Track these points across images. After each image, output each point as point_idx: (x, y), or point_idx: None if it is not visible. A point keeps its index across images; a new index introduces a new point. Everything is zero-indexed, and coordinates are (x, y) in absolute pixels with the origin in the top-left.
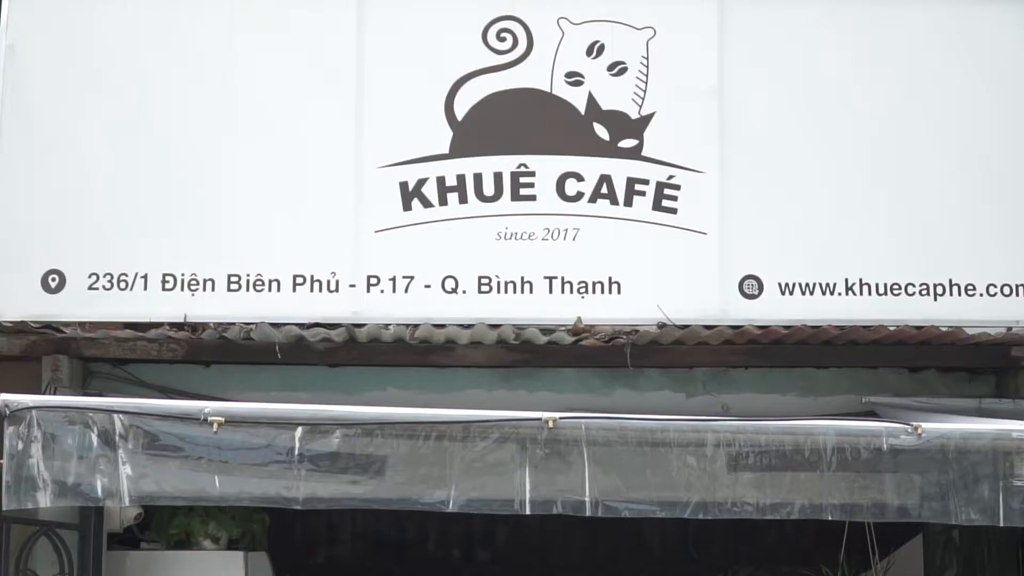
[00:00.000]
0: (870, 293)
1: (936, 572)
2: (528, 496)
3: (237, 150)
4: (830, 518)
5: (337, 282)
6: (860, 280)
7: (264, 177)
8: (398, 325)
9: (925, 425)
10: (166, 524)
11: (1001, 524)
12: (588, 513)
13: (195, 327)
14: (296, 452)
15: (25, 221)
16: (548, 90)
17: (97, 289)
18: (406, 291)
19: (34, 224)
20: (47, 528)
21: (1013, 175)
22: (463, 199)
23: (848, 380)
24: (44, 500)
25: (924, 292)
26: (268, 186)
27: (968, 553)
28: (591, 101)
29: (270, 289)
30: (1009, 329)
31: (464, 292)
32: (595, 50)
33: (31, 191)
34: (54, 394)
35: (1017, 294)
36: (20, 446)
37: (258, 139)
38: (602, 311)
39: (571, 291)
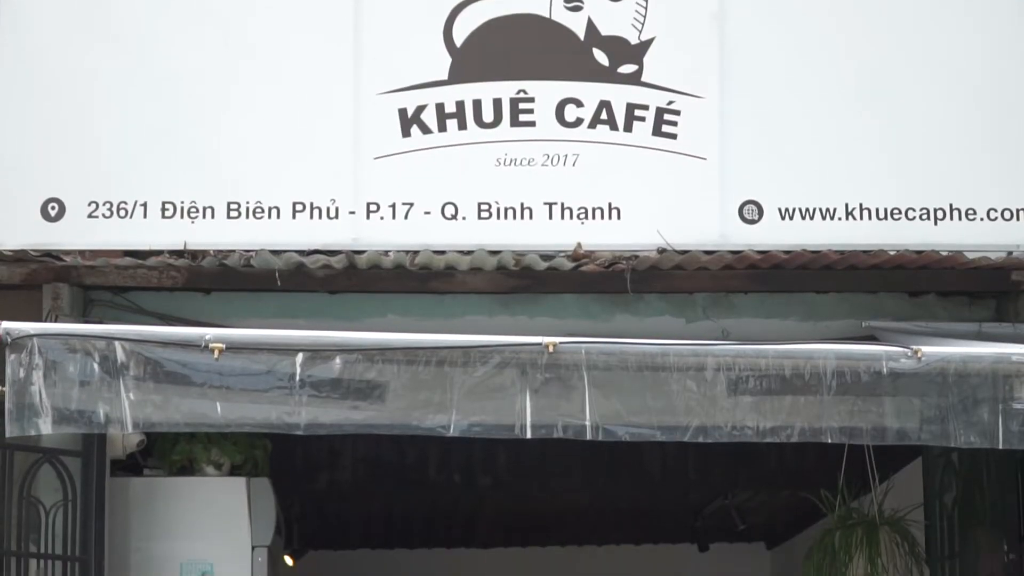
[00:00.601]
0: (870, 218)
1: (935, 495)
2: (528, 420)
3: (236, 77)
4: (829, 441)
5: (337, 209)
6: (860, 205)
7: (263, 104)
8: (398, 251)
9: (925, 349)
10: (168, 451)
11: (1000, 447)
12: (588, 437)
13: (195, 255)
14: (297, 378)
15: (24, 150)
16: (547, 15)
17: (97, 217)
18: (406, 218)
19: (33, 153)
20: (50, 455)
21: (1010, 101)
22: (462, 125)
23: (848, 305)
24: (46, 427)
25: (924, 217)
26: (267, 113)
27: (967, 476)
28: (590, 26)
29: (270, 216)
30: (1009, 253)
31: (464, 218)
32: None
33: (30, 120)
34: (55, 322)
35: (1017, 218)
36: (22, 374)
37: (257, 66)
38: (602, 237)
39: (571, 217)
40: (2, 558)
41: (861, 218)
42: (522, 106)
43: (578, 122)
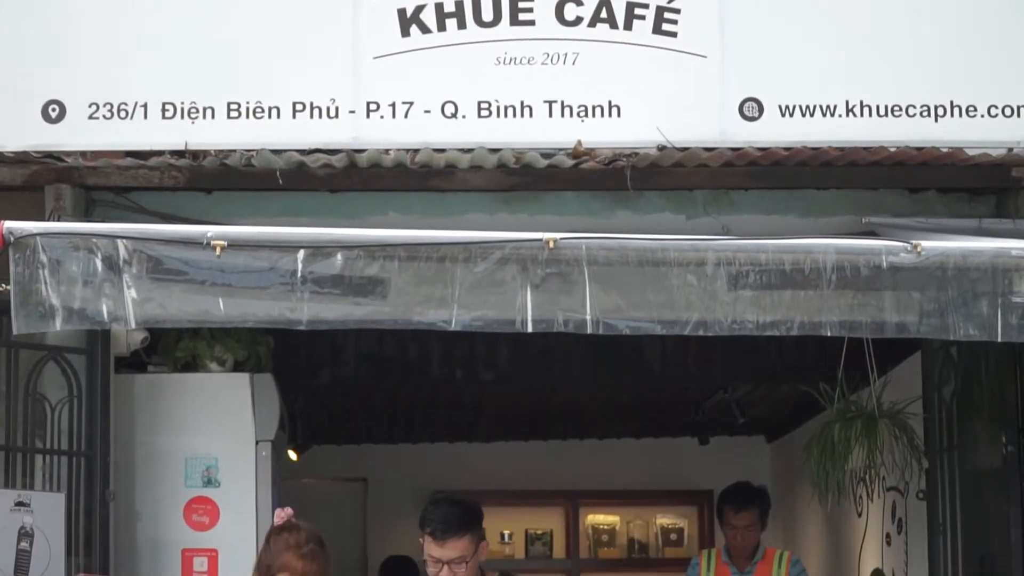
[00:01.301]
0: (871, 115)
1: (934, 388)
2: (529, 315)
3: None
4: (829, 334)
5: (337, 108)
6: (860, 102)
7: (262, 4)
8: (398, 150)
9: (925, 243)
10: (172, 348)
11: (999, 339)
12: (589, 330)
13: (196, 155)
14: (299, 275)
15: (24, 52)
16: None
17: (97, 119)
18: (406, 116)
19: (33, 55)
20: (55, 353)
21: None
22: (461, 24)
23: (848, 201)
24: (51, 324)
25: (925, 114)
26: (266, 13)
27: (966, 369)
28: None
29: (270, 116)
30: (1010, 150)
31: (464, 117)
32: None
33: (30, 22)
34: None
35: (1018, 115)
36: (26, 273)
37: None
38: (602, 134)
39: (571, 115)
40: (9, 453)
41: (861, 115)
42: (521, 5)
43: (578, 21)
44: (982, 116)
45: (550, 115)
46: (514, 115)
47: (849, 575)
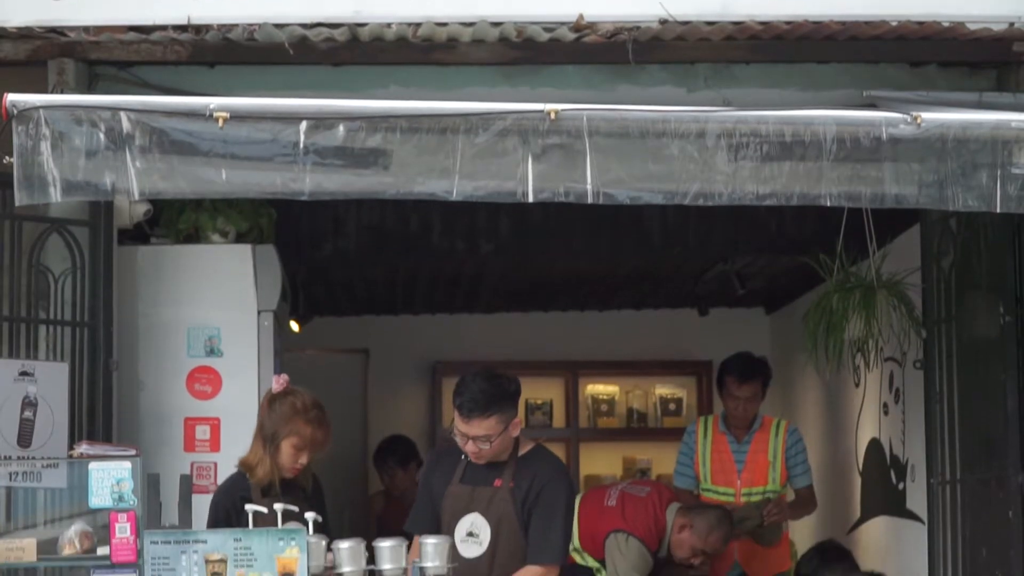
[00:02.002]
0: None
1: (932, 259)
2: (530, 185)
3: None
4: (828, 204)
5: None
6: None
7: None
8: (400, 24)
9: (925, 115)
10: (175, 220)
11: (998, 210)
12: (590, 201)
13: (198, 29)
14: (301, 146)
15: None
16: None
17: None
18: None
19: None
20: (58, 225)
21: None
22: None
23: (849, 75)
24: (54, 195)
25: None
26: None
27: (965, 241)
28: None
29: None
30: (1011, 25)
31: None
32: None
33: None
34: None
35: None
36: (29, 144)
37: None
38: (604, 8)
39: None
40: (12, 324)
41: None
42: None
43: None
44: None
45: None
46: None
47: (846, 445)
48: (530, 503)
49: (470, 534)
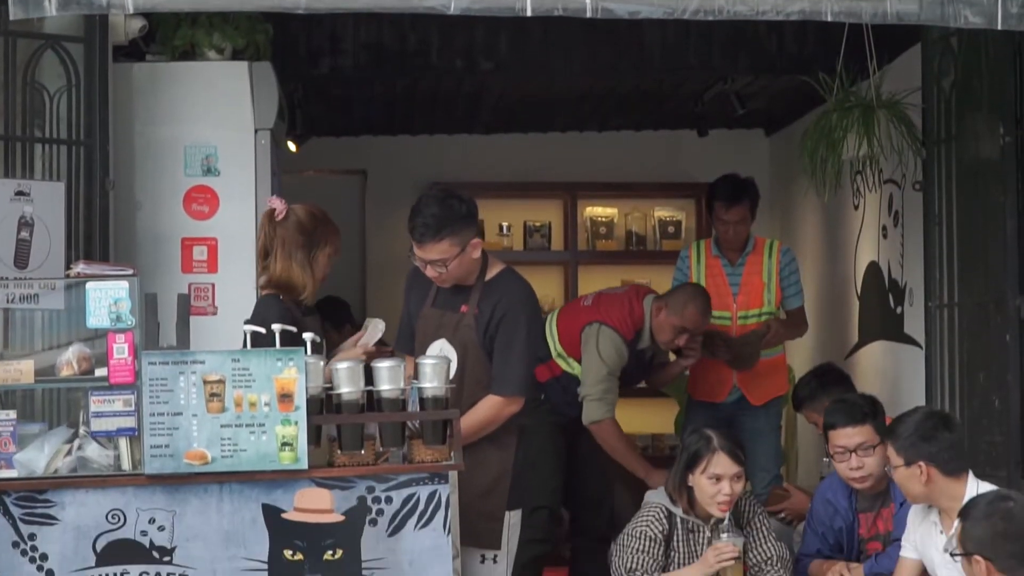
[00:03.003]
0: None
1: (933, 79)
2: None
3: None
4: (829, 19)
5: None
6: None
7: None
8: None
9: None
10: (171, 36)
11: (999, 27)
12: (588, 15)
13: None
14: None
15: None
16: None
17: None
18: None
19: None
20: (52, 41)
21: None
22: None
23: None
24: (49, 8)
25: None
26: None
27: (966, 60)
28: None
29: None
30: None
31: None
32: None
33: None
34: None
35: None
36: None
37: None
38: None
39: None
40: (8, 143)
41: None
42: None
43: None
44: None
45: None
46: None
47: (845, 269)
48: (492, 331)
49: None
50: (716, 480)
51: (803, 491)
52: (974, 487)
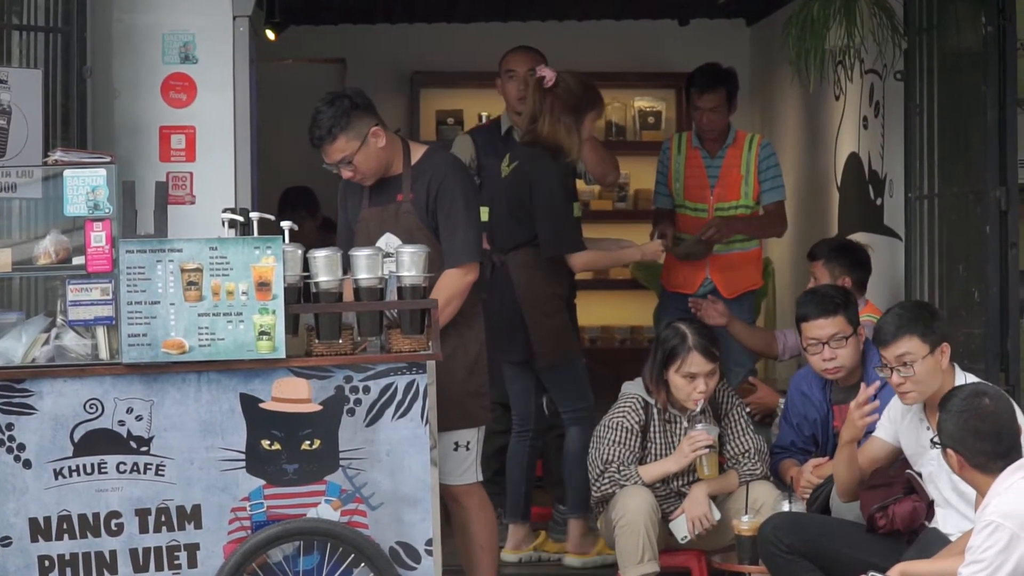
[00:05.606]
0: None
1: None
2: None
3: None
4: None
5: None
6: None
7: None
8: None
9: None
10: None
11: None
12: None
13: None
14: None
15: None
16: None
17: None
18: None
19: None
20: None
21: None
22: None
23: None
24: None
25: None
26: None
27: None
28: None
29: None
30: None
31: None
32: None
33: None
34: None
35: None
36: None
37: None
38: None
39: None
40: None
41: None
42: None
43: None
44: None
45: None
46: None
47: (825, 160)
48: (432, 207)
49: (388, 255)
50: (691, 378)
51: (769, 387)
52: (961, 377)
